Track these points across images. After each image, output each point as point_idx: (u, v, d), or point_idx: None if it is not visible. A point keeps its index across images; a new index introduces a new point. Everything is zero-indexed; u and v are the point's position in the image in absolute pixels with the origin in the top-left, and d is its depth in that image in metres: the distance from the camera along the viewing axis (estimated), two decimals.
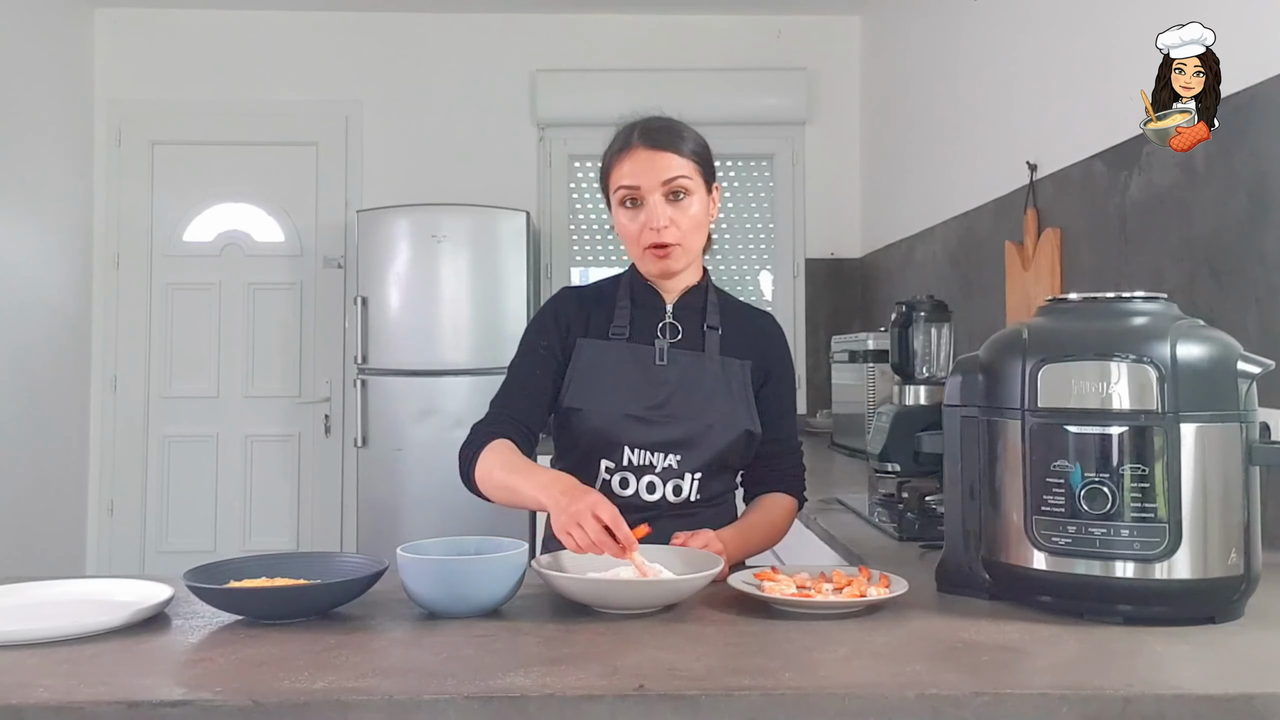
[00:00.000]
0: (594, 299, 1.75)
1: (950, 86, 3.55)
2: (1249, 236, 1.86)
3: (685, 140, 1.65)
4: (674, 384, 1.65)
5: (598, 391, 1.65)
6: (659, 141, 1.63)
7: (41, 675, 1.00)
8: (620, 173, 1.64)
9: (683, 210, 1.63)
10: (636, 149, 1.63)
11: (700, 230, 1.67)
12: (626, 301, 1.72)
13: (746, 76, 4.73)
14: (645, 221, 1.62)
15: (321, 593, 1.22)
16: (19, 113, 4.12)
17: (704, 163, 1.67)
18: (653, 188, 1.61)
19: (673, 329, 1.70)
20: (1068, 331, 1.25)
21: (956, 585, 1.31)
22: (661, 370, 1.66)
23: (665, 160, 1.62)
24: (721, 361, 1.68)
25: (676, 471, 1.64)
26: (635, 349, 1.68)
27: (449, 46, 4.76)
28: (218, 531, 4.64)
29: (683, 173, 1.62)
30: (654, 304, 1.72)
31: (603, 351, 1.67)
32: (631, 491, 1.64)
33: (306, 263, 4.73)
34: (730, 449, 1.65)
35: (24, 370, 4.11)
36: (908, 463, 1.77)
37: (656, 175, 1.61)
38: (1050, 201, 2.69)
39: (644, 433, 1.63)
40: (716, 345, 1.69)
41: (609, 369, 1.66)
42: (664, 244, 1.62)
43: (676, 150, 1.63)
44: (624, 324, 1.69)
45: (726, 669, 1.02)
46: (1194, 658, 1.07)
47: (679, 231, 1.63)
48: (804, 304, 4.82)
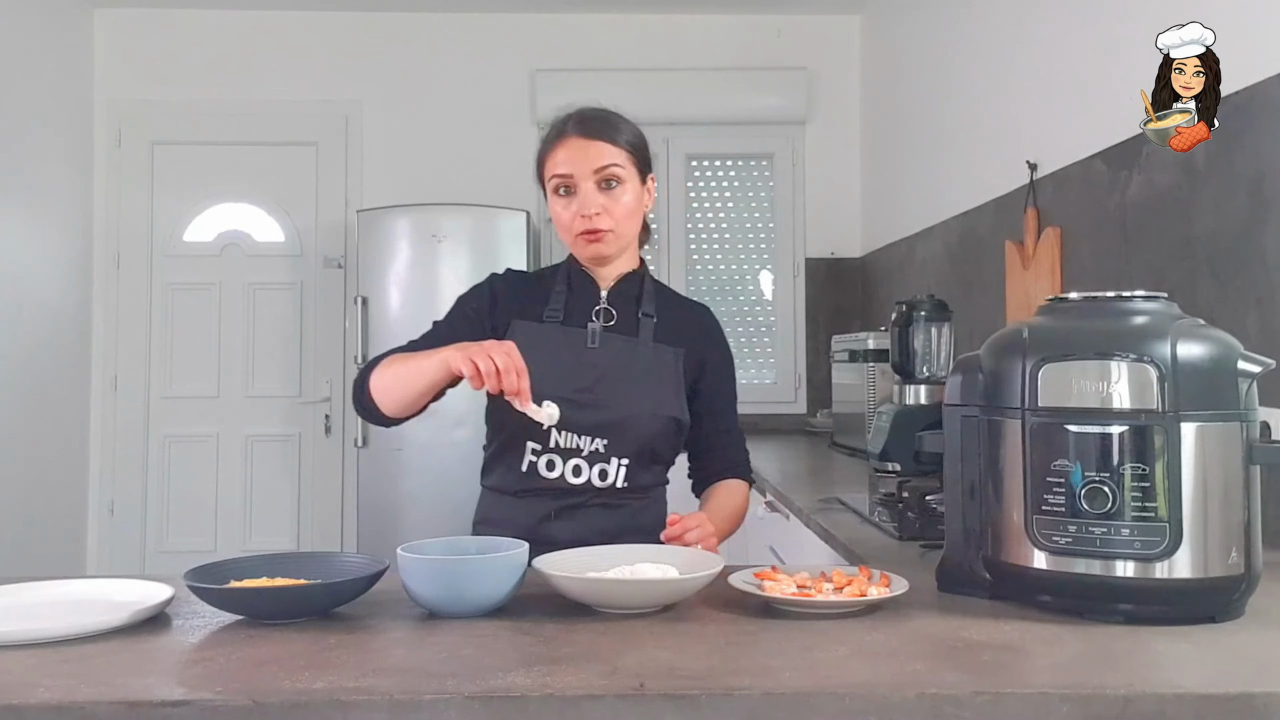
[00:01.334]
0: (533, 282, 1.77)
1: (950, 86, 3.55)
2: (1249, 236, 1.86)
3: (619, 130, 1.68)
4: (604, 368, 1.66)
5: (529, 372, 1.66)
6: (592, 130, 1.66)
7: (42, 675, 1.00)
8: (554, 161, 1.67)
9: (615, 198, 1.66)
10: (570, 138, 1.66)
11: (634, 218, 1.70)
12: (563, 286, 1.74)
13: (746, 76, 4.73)
14: (578, 209, 1.65)
15: (322, 593, 1.22)
16: (19, 113, 4.13)
17: (638, 153, 1.69)
18: (585, 175, 1.64)
19: (607, 314, 1.72)
20: (1068, 331, 1.25)
21: (957, 584, 1.31)
22: (592, 353, 1.67)
23: (598, 149, 1.65)
24: (654, 348, 1.69)
25: (603, 455, 1.64)
26: (567, 331, 1.69)
27: (449, 46, 4.76)
28: (218, 531, 4.64)
29: (615, 161, 1.65)
30: (589, 289, 1.74)
31: (535, 333, 1.68)
32: (558, 474, 1.64)
33: (307, 263, 4.73)
34: (658, 436, 1.67)
35: (24, 370, 4.12)
36: (908, 462, 1.77)
37: (589, 163, 1.64)
38: (1050, 201, 2.69)
39: (572, 415, 1.62)
40: (650, 332, 1.71)
41: (540, 350, 1.65)
42: (596, 230, 1.65)
43: (610, 139, 1.66)
44: (558, 307, 1.71)
45: (727, 668, 1.02)
46: (1194, 657, 1.07)
47: (611, 219, 1.65)
48: (804, 303, 4.82)
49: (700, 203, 4.87)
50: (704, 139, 4.82)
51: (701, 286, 4.87)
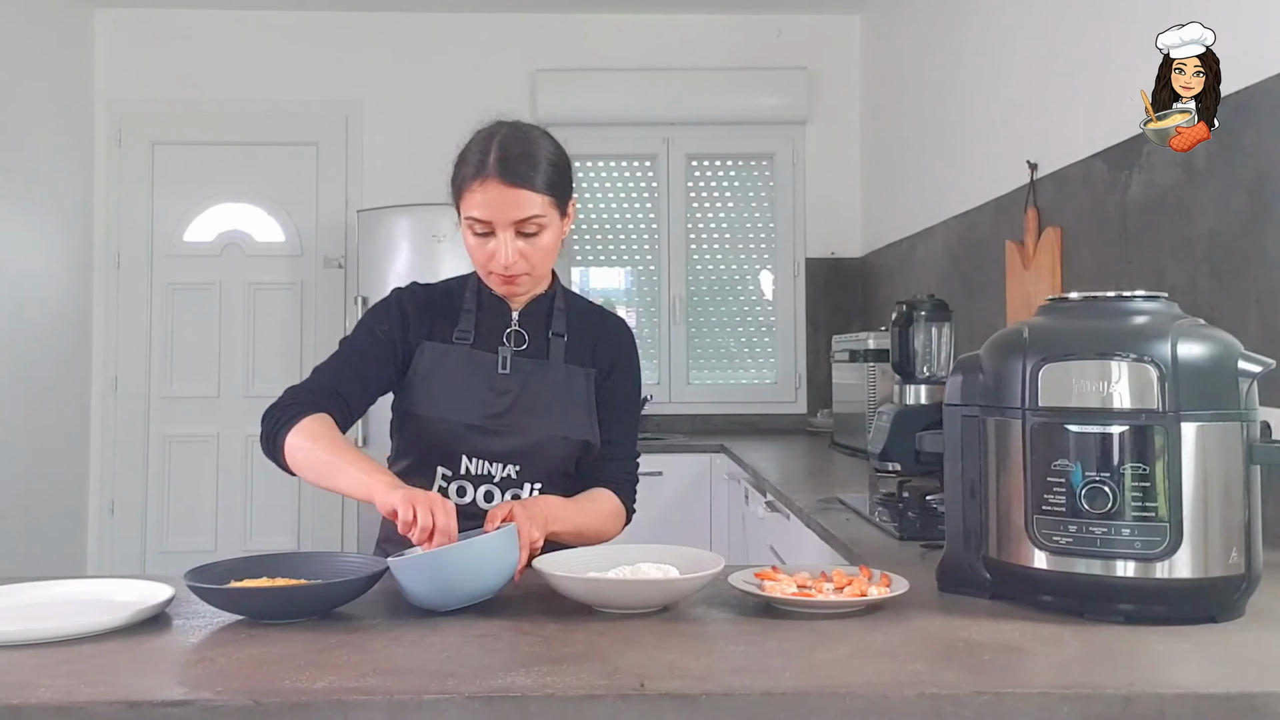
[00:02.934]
0: (440, 300, 1.70)
1: (950, 86, 3.55)
2: (1249, 235, 1.86)
3: (540, 170, 1.57)
4: (515, 393, 1.62)
5: (439, 399, 1.62)
6: (515, 176, 1.54)
7: (42, 675, 1.00)
8: (471, 202, 1.57)
9: (534, 245, 1.58)
10: (490, 181, 1.54)
11: (551, 256, 1.63)
12: (473, 305, 1.68)
13: (746, 76, 4.73)
14: (493, 253, 1.57)
15: (322, 592, 1.22)
16: (19, 113, 4.13)
17: (559, 190, 1.60)
18: (504, 225, 1.55)
19: (518, 336, 1.66)
20: (1068, 331, 1.25)
21: (957, 584, 1.31)
22: (504, 379, 1.63)
23: (519, 198, 1.54)
24: (566, 369, 1.65)
25: (515, 481, 1.62)
26: (478, 356, 1.64)
27: (449, 46, 4.76)
28: (218, 531, 4.64)
29: (536, 211, 1.55)
30: (500, 309, 1.68)
31: (444, 357, 1.64)
32: (469, 500, 1.61)
33: (307, 263, 4.73)
34: (570, 459, 1.64)
35: (25, 370, 4.12)
36: (908, 462, 1.77)
37: (508, 214, 1.55)
38: (1051, 201, 2.69)
39: (483, 442, 1.60)
40: (561, 353, 1.66)
41: (450, 376, 1.63)
42: (512, 275, 1.59)
43: (531, 185, 1.55)
44: (469, 329, 1.65)
45: (727, 668, 1.02)
46: (1195, 656, 1.07)
47: (528, 264, 1.59)
48: (804, 303, 4.82)
49: (700, 203, 4.87)
50: (704, 139, 4.82)
51: (702, 286, 4.87)
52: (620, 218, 4.88)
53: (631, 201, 4.88)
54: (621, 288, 4.94)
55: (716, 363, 4.87)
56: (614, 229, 4.88)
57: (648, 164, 4.86)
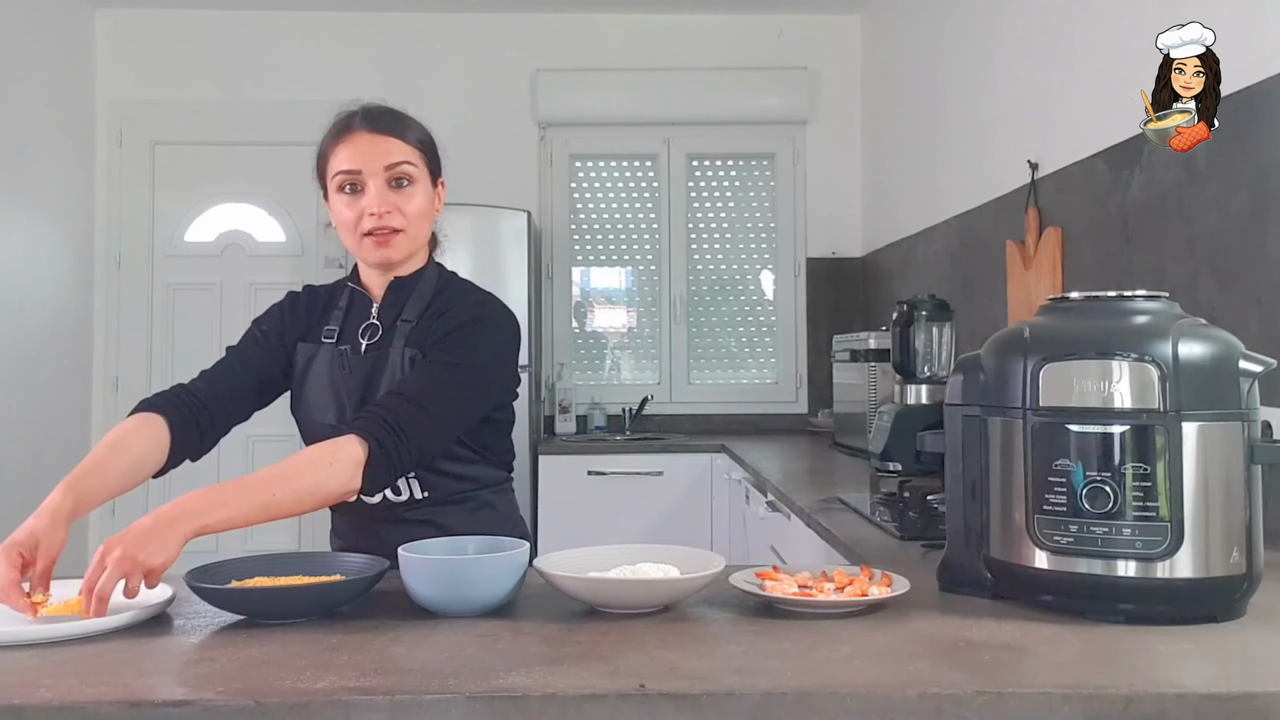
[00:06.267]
0: (321, 300, 1.70)
1: (951, 86, 3.54)
2: (1250, 235, 1.86)
3: (409, 128, 1.60)
4: (362, 388, 1.60)
5: (307, 400, 1.64)
6: (381, 125, 1.57)
7: (43, 675, 1.00)
8: (339, 158, 1.57)
9: (406, 198, 1.58)
10: (358, 133, 1.56)
11: (425, 220, 1.62)
12: (344, 303, 1.68)
13: (747, 76, 4.73)
14: (365, 206, 1.56)
15: (323, 592, 1.22)
16: (20, 113, 4.13)
17: (429, 153, 1.62)
18: (374, 173, 1.55)
19: (372, 329, 1.64)
20: (1069, 330, 1.24)
21: (958, 584, 1.31)
22: (347, 377, 1.61)
23: (387, 144, 1.56)
24: (402, 353, 1.58)
25: None
26: (335, 354, 1.63)
27: (449, 46, 4.77)
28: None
29: (407, 159, 1.57)
30: (364, 305, 1.67)
31: (311, 357, 1.65)
32: (378, 499, 1.58)
33: (308, 263, 4.73)
34: None
35: (25, 371, 4.12)
36: (909, 462, 1.77)
37: (379, 160, 1.55)
38: (1051, 200, 2.68)
39: None
40: (404, 338, 1.59)
41: (315, 376, 1.64)
42: (387, 228, 1.56)
43: (400, 136, 1.58)
44: (335, 327, 1.65)
45: (728, 668, 1.02)
46: (1196, 656, 1.06)
47: (403, 218, 1.57)
48: (805, 303, 4.82)
49: (701, 203, 4.87)
50: (704, 139, 4.82)
51: (702, 286, 4.87)
52: (620, 218, 4.88)
53: (632, 201, 4.88)
54: (622, 288, 4.94)
55: (717, 363, 4.87)
56: (614, 229, 4.88)
57: (648, 164, 4.86)
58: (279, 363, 1.66)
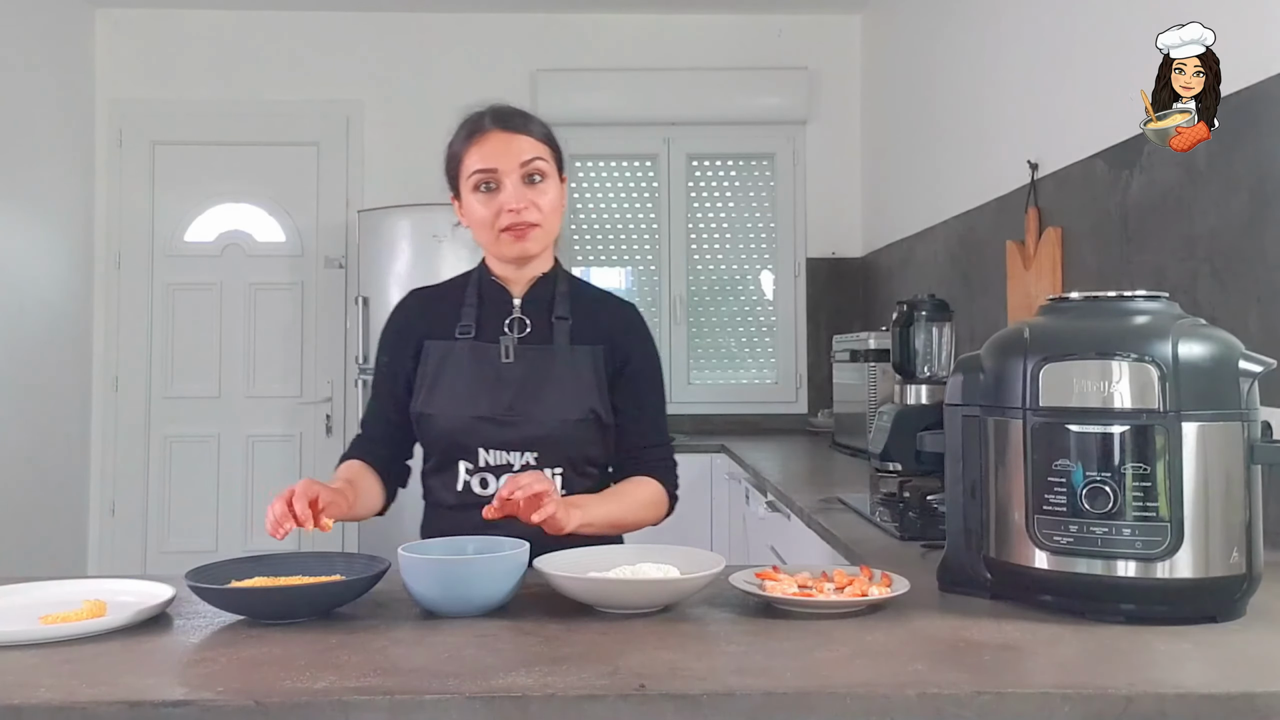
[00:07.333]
0: (441, 296, 1.73)
1: (951, 86, 3.55)
2: (1250, 235, 1.86)
3: (536, 124, 1.66)
4: (520, 381, 1.62)
5: (445, 395, 1.63)
6: (512, 124, 1.63)
7: (43, 675, 1.00)
8: (473, 158, 1.62)
9: (540, 192, 1.62)
10: (490, 133, 1.62)
11: (557, 215, 1.66)
12: (474, 299, 1.69)
13: (747, 76, 4.73)
14: (503, 203, 1.60)
15: (323, 592, 1.22)
16: (20, 113, 4.13)
17: (555, 148, 1.67)
18: (509, 170, 1.60)
19: (520, 324, 1.66)
20: (1069, 330, 1.25)
21: (958, 584, 1.31)
22: (508, 368, 1.63)
23: (519, 142, 1.61)
24: (571, 351, 1.64)
25: (535, 468, 1.61)
26: (480, 348, 1.65)
27: (449, 46, 4.76)
28: (219, 532, 4.64)
29: (538, 154, 1.62)
30: (501, 299, 1.69)
31: (448, 353, 1.65)
32: (493, 490, 1.61)
33: (308, 263, 4.73)
34: (587, 439, 1.63)
35: (25, 370, 4.12)
36: (909, 462, 1.77)
37: (513, 158, 1.60)
38: (1051, 200, 2.68)
39: (496, 433, 1.61)
40: (566, 335, 1.65)
41: (454, 371, 1.64)
42: (525, 223, 1.60)
43: (529, 133, 1.63)
44: (470, 323, 1.66)
45: (728, 668, 1.02)
46: (1196, 657, 1.07)
47: (539, 212, 1.62)
48: (805, 303, 4.82)
49: (701, 203, 4.87)
50: (704, 139, 4.82)
51: (702, 286, 4.87)
52: (620, 218, 4.88)
53: (632, 201, 4.88)
54: (622, 288, 4.94)
55: (717, 363, 4.87)
56: (614, 229, 4.88)
57: (648, 164, 4.86)
58: (408, 383, 1.69)
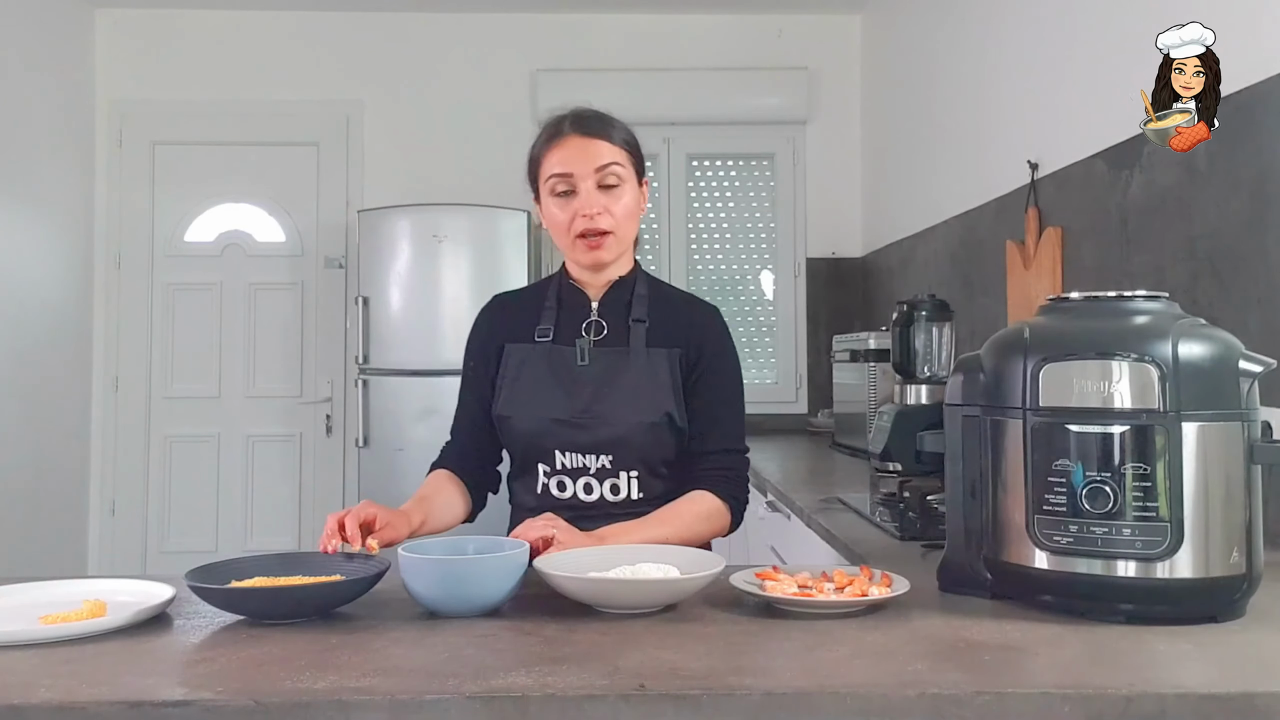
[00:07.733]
0: (523, 300, 1.75)
1: (951, 86, 3.54)
2: (1250, 235, 1.85)
3: (616, 129, 1.67)
4: (596, 384, 1.63)
5: (523, 398, 1.65)
6: (591, 129, 1.64)
7: (43, 675, 1.00)
8: (551, 161, 1.64)
9: (615, 199, 1.63)
10: (569, 137, 1.63)
11: (633, 220, 1.67)
12: (553, 303, 1.71)
13: (747, 76, 4.73)
14: (578, 209, 1.62)
15: (323, 592, 1.22)
16: (20, 113, 4.13)
17: (634, 153, 1.68)
18: (586, 175, 1.62)
19: (598, 326, 1.68)
20: (1069, 330, 1.24)
21: (958, 584, 1.31)
22: (584, 370, 1.64)
23: (597, 147, 1.63)
24: (647, 354, 1.65)
25: (611, 471, 1.62)
26: (558, 351, 1.66)
27: (449, 46, 4.76)
28: (219, 532, 4.64)
29: (615, 160, 1.63)
30: (580, 302, 1.71)
31: (527, 356, 1.67)
32: (570, 494, 1.63)
33: (307, 263, 4.73)
34: (661, 442, 1.63)
35: (25, 370, 4.12)
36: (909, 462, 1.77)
37: (589, 162, 1.62)
38: (1051, 201, 2.68)
39: (572, 436, 1.62)
40: (642, 338, 1.66)
41: (532, 374, 1.65)
42: (598, 230, 1.62)
43: (608, 138, 1.64)
44: (549, 326, 1.68)
45: (728, 668, 1.02)
46: (1196, 656, 1.07)
47: (613, 219, 1.63)
48: (805, 303, 4.82)
49: (701, 203, 4.87)
50: (704, 139, 4.82)
51: (702, 286, 4.87)
52: None
53: None
54: None
55: None
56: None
57: (648, 164, 4.85)
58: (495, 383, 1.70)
